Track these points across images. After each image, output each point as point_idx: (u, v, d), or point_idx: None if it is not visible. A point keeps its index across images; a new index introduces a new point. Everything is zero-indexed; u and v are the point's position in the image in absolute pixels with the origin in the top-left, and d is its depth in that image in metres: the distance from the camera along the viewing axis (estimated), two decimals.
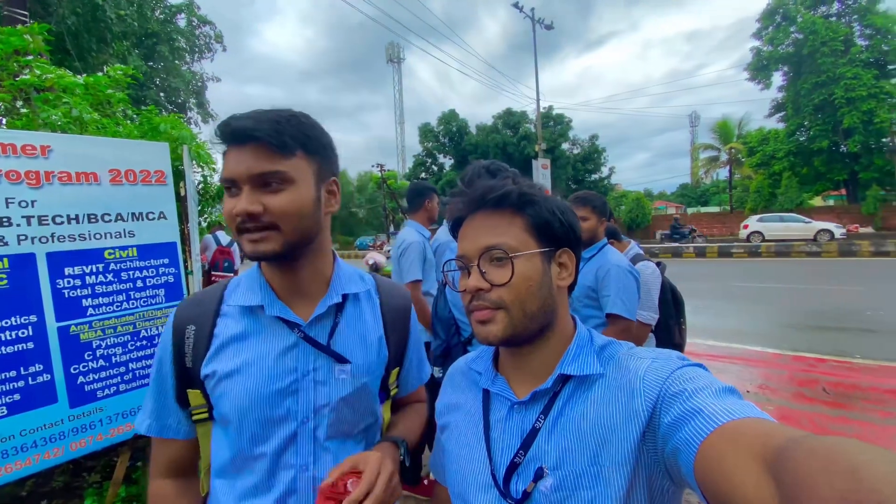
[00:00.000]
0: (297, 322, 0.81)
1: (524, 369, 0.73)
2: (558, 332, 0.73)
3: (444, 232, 2.94)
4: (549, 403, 0.69)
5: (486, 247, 0.69)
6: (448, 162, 40.32)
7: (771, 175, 25.54)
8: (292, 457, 0.80)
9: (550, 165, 17.43)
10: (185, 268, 2.26)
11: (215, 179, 3.25)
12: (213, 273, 4.82)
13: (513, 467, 0.68)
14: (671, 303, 2.72)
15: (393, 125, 64.66)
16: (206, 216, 3.82)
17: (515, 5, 18.49)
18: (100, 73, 2.58)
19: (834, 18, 21.90)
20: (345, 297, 0.88)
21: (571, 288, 0.76)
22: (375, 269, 10.01)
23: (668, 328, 2.70)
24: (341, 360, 0.83)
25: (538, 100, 20.55)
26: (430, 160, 41.17)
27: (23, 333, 1.64)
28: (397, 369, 0.97)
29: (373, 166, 34.00)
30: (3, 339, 1.61)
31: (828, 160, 22.98)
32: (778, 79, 24.57)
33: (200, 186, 3.25)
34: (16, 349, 1.62)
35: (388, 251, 11.22)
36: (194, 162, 2.83)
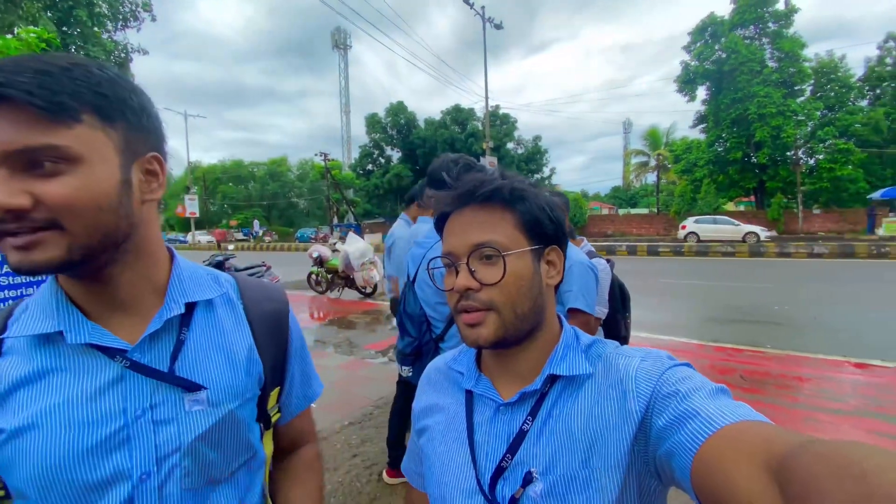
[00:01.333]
0: (119, 347, 0.60)
1: (510, 370, 0.71)
2: (546, 332, 0.71)
3: (399, 227, 2.89)
4: (537, 405, 0.67)
5: (476, 244, 0.65)
6: (396, 154, 39.93)
7: (693, 181, 27.80)
8: None
9: (497, 164, 17.77)
10: None
11: None
12: None
13: (499, 472, 0.65)
14: (619, 298, 2.85)
15: (338, 113, 62.77)
16: None
17: (466, 1, 18.55)
18: (9, 36, 2.23)
19: (748, 41, 24.16)
20: (191, 305, 0.68)
21: (557, 286, 0.74)
22: (320, 262, 9.73)
23: (616, 322, 2.83)
24: (192, 387, 0.63)
25: (487, 98, 20.84)
26: (377, 152, 40.55)
27: None
28: (277, 389, 0.78)
29: (316, 155, 32.86)
30: None
31: (741, 169, 25.36)
32: (702, 92, 26.76)
33: None
34: None
35: (334, 243, 10.86)
36: None
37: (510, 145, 37.14)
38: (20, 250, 0.52)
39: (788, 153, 23.37)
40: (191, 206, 24.62)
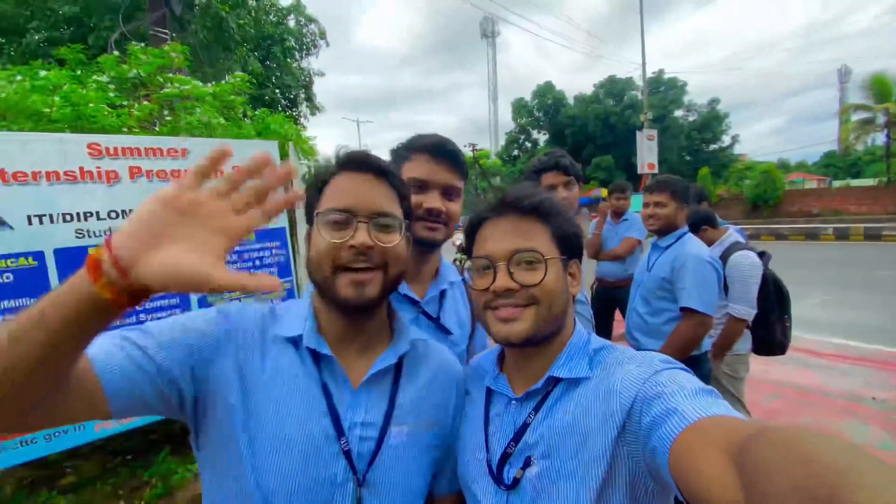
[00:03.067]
0: (416, 300, 1.04)
1: (525, 369, 0.79)
2: (562, 337, 0.78)
3: None
4: (541, 402, 0.75)
5: (518, 249, 0.74)
6: (543, 137, 38.98)
7: None
8: None
9: (660, 136, 15.97)
10: (294, 249, 2.61)
11: None
12: None
13: (505, 457, 0.76)
14: (773, 297, 2.45)
15: (485, 103, 63.84)
16: None
17: None
18: (224, 81, 3.01)
19: None
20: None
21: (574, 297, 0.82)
22: (462, 249, 10.27)
23: (769, 325, 2.45)
24: (447, 331, 1.05)
25: (644, 63, 18.74)
26: (522, 136, 40.21)
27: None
28: None
29: (465, 146, 34.15)
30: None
31: None
32: None
33: (306, 176, 3.67)
34: None
35: None
36: (299, 156, 3.22)
37: (678, 113, 32.79)
38: (430, 230, 1.03)
39: None
40: None
